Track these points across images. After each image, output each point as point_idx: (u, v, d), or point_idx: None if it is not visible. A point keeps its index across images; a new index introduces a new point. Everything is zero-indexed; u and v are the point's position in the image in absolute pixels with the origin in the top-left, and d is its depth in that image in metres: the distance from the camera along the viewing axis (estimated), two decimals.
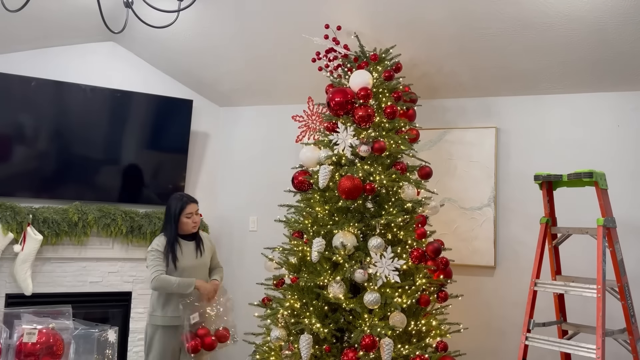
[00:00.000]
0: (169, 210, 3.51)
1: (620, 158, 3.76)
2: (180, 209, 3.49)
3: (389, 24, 3.60)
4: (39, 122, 4.08)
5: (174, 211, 3.49)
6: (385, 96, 3.49)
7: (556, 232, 3.41)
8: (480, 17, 3.36)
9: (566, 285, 3.16)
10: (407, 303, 3.12)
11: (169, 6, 3.44)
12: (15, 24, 3.84)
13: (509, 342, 3.92)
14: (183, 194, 3.59)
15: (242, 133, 4.93)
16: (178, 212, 3.49)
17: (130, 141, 4.38)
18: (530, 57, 3.63)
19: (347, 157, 3.37)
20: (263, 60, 4.25)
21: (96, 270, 4.31)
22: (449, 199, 4.14)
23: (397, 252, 3.13)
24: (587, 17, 3.18)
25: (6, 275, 3.99)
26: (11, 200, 4.00)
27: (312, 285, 3.21)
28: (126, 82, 4.54)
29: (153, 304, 3.47)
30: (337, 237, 3.10)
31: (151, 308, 3.48)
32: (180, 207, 3.49)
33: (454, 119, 4.23)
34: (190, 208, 3.52)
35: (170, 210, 3.51)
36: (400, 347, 3.09)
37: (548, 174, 3.30)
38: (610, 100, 3.82)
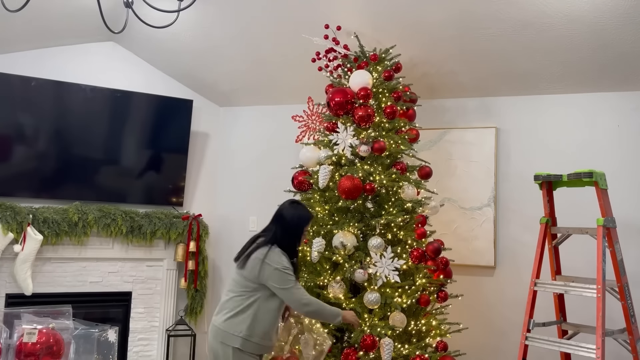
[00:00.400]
0: (297, 220, 2.84)
1: (620, 158, 3.76)
2: (307, 221, 2.88)
3: (389, 24, 3.60)
4: (39, 122, 4.08)
5: (302, 222, 2.85)
6: (385, 96, 3.49)
7: (556, 232, 3.41)
8: (480, 17, 3.36)
9: (566, 285, 3.16)
10: (407, 303, 3.12)
11: (169, 6, 3.44)
12: (15, 24, 3.84)
13: (509, 342, 3.92)
14: (304, 204, 2.98)
15: (242, 133, 4.93)
16: (304, 224, 2.87)
17: (130, 141, 4.38)
18: (530, 57, 3.63)
19: (347, 157, 3.37)
20: (263, 60, 4.25)
21: (96, 270, 4.31)
22: (449, 199, 4.14)
23: (397, 252, 3.14)
24: (587, 17, 3.18)
25: (6, 275, 3.99)
26: (11, 200, 4.00)
27: (312, 285, 3.22)
28: (126, 82, 4.54)
29: (249, 326, 2.69)
30: (337, 237, 3.10)
31: (247, 331, 2.68)
32: (308, 219, 2.89)
33: (454, 119, 4.23)
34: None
35: (296, 221, 2.84)
36: (400, 347, 3.09)
37: (548, 174, 3.30)
38: (611, 100, 3.82)
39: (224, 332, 2.69)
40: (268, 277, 2.67)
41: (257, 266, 2.68)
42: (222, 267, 4.84)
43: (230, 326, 2.69)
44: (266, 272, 2.67)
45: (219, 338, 2.71)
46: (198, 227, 4.53)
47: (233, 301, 2.74)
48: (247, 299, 2.71)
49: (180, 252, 4.51)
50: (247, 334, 2.67)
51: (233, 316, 2.70)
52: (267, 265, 2.67)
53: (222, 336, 2.69)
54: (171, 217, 4.47)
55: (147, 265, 4.50)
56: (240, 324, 2.68)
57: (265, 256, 2.69)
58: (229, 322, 2.70)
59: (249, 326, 2.68)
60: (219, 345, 2.70)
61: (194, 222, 4.53)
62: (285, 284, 2.68)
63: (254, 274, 2.69)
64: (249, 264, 2.72)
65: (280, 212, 2.86)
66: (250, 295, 2.71)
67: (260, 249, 2.73)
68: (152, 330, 4.48)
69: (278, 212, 2.88)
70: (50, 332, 2.29)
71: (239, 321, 2.69)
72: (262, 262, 2.68)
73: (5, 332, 2.25)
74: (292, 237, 2.83)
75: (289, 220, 2.82)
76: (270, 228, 2.85)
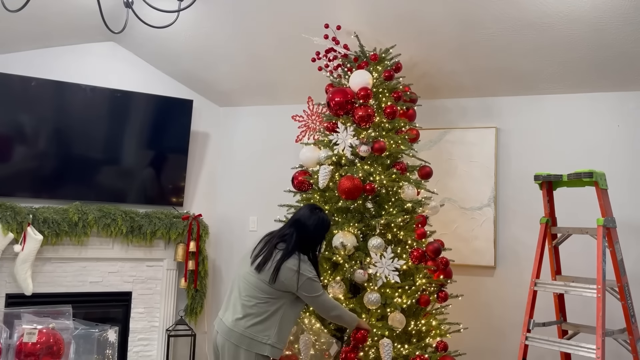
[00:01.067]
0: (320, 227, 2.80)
1: (621, 158, 3.76)
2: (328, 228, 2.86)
3: (389, 24, 3.60)
4: (39, 122, 4.08)
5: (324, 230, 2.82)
6: (385, 96, 3.49)
7: (556, 232, 3.41)
8: (480, 17, 3.36)
9: (566, 285, 3.16)
10: (407, 303, 3.12)
11: (169, 6, 3.44)
12: (15, 24, 3.84)
13: (509, 342, 3.92)
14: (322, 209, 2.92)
15: (242, 133, 4.93)
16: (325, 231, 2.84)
17: (130, 141, 4.38)
18: (530, 57, 3.63)
19: (347, 157, 3.37)
20: (263, 60, 4.25)
21: (96, 270, 4.31)
22: (449, 199, 4.14)
23: (397, 252, 3.14)
24: (587, 17, 3.18)
25: (6, 275, 3.99)
26: (11, 200, 4.00)
27: None
28: (126, 82, 4.55)
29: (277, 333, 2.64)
30: (337, 237, 3.10)
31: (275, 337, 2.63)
32: (329, 225, 2.87)
33: (454, 119, 4.23)
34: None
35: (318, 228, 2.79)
36: (400, 347, 3.09)
37: (548, 174, 3.30)
38: (610, 100, 3.82)
39: (250, 339, 2.59)
40: (301, 286, 2.64)
41: (294, 277, 2.62)
42: (222, 267, 4.84)
43: (257, 332, 2.60)
44: (301, 282, 2.63)
45: (243, 345, 2.60)
46: (198, 227, 4.53)
47: (258, 307, 2.64)
48: (272, 305, 2.63)
49: (180, 252, 4.51)
50: (275, 340, 2.61)
51: (259, 322, 2.61)
52: (302, 276, 2.63)
53: (248, 343, 2.59)
54: (171, 217, 4.47)
55: (147, 265, 4.50)
56: (267, 330, 2.61)
57: (299, 267, 2.64)
58: (255, 329, 2.61)
59: (277, 333, 2.62)
60: (240, 351, 2.60)
61: (194, 222, 4.53)
62: (316, 292, 2.67)
63: (291, 284, 2.63)
64: (281, 273, 2.63)
65: (301, 218, 2.79)
66: (276, 302, 2.64)
67: (290, 258, 2.66)
68: (152, 330, 4.48)
69: (298, 217, 2.80)
70: (50, 332, 2.29)
71: (265, 327, 2.61)
72: (298, 274, 2.63)
73: (5, 332, 2.25)
74: (314, 243, 2.80)
75: (310, 227, 2.76)
76: (288, 232, 2.76)
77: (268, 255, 2.69)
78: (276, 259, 2.65)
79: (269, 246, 2.73)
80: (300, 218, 2.78)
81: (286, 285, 2.63)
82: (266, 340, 2.59)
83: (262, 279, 2.64)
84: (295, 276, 2.62)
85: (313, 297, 2.68)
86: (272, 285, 2.63)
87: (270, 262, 2.66)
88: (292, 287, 2.63)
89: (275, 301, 2.64)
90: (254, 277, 2.68)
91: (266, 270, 2.64)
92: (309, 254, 2.76)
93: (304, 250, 2.74)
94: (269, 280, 2.62)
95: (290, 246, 2.70)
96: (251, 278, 2.69)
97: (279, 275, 2.62)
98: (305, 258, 2.71)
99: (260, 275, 2.66)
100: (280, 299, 2.65)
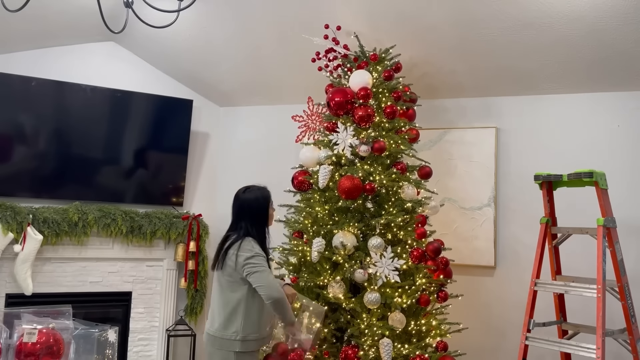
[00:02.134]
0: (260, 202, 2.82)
1: (620, 158, 3.76)
2: (269, 199, 2.88)
3: (389, 24, 3.60)
4: (39, 122, 4.08)
5: (265, 203, 2.83)
6: (385, 96, 3.49)
7: (556, 232, 3.41)
8: (480, 17, 3.35)
9: (566, 285, 3.16)
10: (407, 303, 3.12)
11: (169, 6, 3.44)
12: (15, 24, 3.84)
13: (509, 342, 3.92)
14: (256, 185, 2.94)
15: (242, 133, 4.93)
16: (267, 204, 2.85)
17: (130, 141, 4.38)
18: (530, 57, 3.63)
19: (347, 157, 3.37)
20: (263, 60, 4.25)
21: (96, 270, 4.31)
22: (449, 199, 4.14)
23: (397, 252, 3.14)
24: (587, 17, 3.18)
25: (6, 275, 3.99)
26: (11, 200, 4.00)
27: (312, 285, 3.22)
28: (126, 82, 4.55)
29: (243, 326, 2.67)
30: (337, 237, 3.10)
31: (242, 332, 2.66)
32: (268, 196, 2.88)
33: (454, 119, 4.23)
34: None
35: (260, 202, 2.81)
36: (400, 347, 3.09)
37: (548, 174, 3.30)
38: (610, 100, 3.82)
39: (220, 338, 2.66)
40: (243, 266, 2.62)
41: (233, 260, 2.66)
42: None
43: (224, 331, 2.66)
44: (240, 262, 2.63)
45: (216, 345, 2.68)
46: (198, 227, 4.53)
47: (220, 306, 2.71)
48: (232, 299, 2.68)
49: (180, 252, 4.51)
50: (243, 334, 2.65)
51: (225, 320, 2.67)
52: (240, 256, 2.64)
53: (220, 343, 2.66)
54: (171, 217, 4.47)
55: (147, 265, 4.50)
56: (232, 326, 2.66)
57: (239, 248, 2.66)
58: (222, 327, 2.68)
59: (243, 326, 2.66)
60: (218, 353, 2.67)
61: (194, 222, 4.53)
62: (255, 269, 2.61)
63: (232, 268, 2.66)
64: (226, 262, 2.69)
65: (240, 203, 2.82)
66: (235, 293, 2.68)
67: (234, 244, 2.70)
68: (152, 330, 4.49)
69: (237, 205, 2.83)
70: (50, 332, 2.29)
71: (230, 323, 2.66)
72: (236, 255, 2.65)
73: (5, 332, 2.25)
74: (260, 221, 2.80)
75: (252, 207, 2.79)
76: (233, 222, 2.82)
77: (219, 249, 2.76)
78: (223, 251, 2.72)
79: (220, 243, 2.79)
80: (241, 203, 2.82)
81: (232, 269, 2.66)
82: (235, 337, 2.64)
83: (219, 275, 2.73)
84: (234, 258, 2.65)
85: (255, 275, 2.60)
86: (224, 275, 2.69)
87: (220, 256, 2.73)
88: (234, 269, 2.65)
89: (233, 293, 2.68)
90: (216, 279, 2.78)
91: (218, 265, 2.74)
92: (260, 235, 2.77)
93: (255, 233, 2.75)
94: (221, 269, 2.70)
95: (239, 233, 2.74)
96: (215, 282, 2.78)
97: (226, 260, 2.68)
98: (250, 239, 2.69)
99: (218, 273, 2.75)
100: (239, 289, 2.68)
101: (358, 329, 3.02)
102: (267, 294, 2.60)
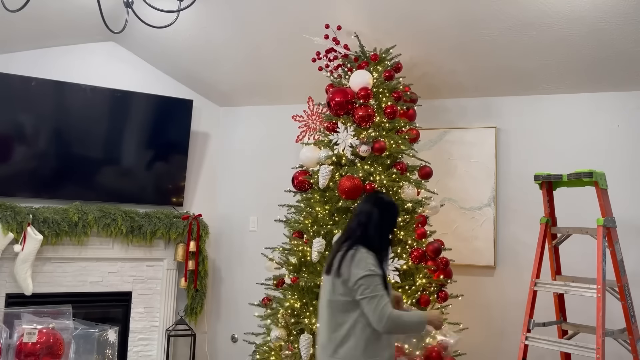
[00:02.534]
0: (389, 214, 2.42)
1: (620, 158, 3.76)
2: (397, 215, 2.50)
3: (389, 24, 3.60)
4: (39, 122, 4.08)
5: (394, 218, 2.44)
6: (386, 96, 3.49)
7: (556, 232, 3.41)
8: (480, 17, 3.35)
9: (566, 285, 3.16)
10: (407, 303, 3.12)
11: (169, 6, 3.44)
12: (15, 24, 3.84)
13: (509, 342, 3.92)
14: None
15: (242, 133, 4.93)
16: (395, 220, 2.46)
17: (130, 141, 4.38)
18: (530, 57, 3.63)
19: (347, 157, 3.37)
20: (263, 60, 4.25)
21: (96, 270, 4.31)
22: (449, 199, 4.14)
23: (397, 252, 3.14)
24: (587, 17, 3.18)
25: (6, 275, 3.99)
26: (11, 200, 4.00)
27: (312, 285, 3.22)
28: (126, 82, 4.55)
29: (364, 351, 2.22)
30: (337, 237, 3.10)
31: (364, 358, 2.22)
32: (397, 213, 2.50)
33: (454, 119, 4.23)
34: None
35: (389, 215, 2.41)
36: (400, 347, 3.09)
37: (548, 174, 3.30)
38: (610, 100, 3.82)
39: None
40: (353, 285, 2.21)
41: (347, 271, 2.24)
42: (222, 267, 4.84)
43: (346, 358, 2.22)
44: (352, 280, 2.22)
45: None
46: (198, 227, 4.53)
47: (335, 328, 2.27)
48: (348, 314, 2.24)
49: (180, 252, 4.51)
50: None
51: (341, 345, 2.23)
52: (353, 274, 2.22)
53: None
54: (171, 217, 4.47)
55: (147, 265, 4.50)
56: (353, 352, 2.21)
57: (352, 261, 2.25)
58: (342, 354, 2.23)
59: (364, 351, 2.21)
60: None
61: (194, 222, 4.53)
62: (368, 292, 2.18)
63: (347, 280, 2.24)
64: (342, 266, 2.26)
65: (360, 208, 2.43)
66: (351, 309, 2.24)
67: (350, 251, 2.29)
68: (152, 330, 4.48)
69: (358, 209, 2.44)
70: (50, 332, 2.29)
71: (352, 349, 2.21)
72: (349, 270, 2.24)
73: (5, 332, 2.25)
74: (381, 233, 2.36)
75: (380, 213, 2.38)
76: (350, 227, 2.41)
77: (332, 255, 2.36)
78: (338, 255, 2.32)
79: (335, 248, 2.41)
80: (360, 208, 2.43)
81: (346, 283, 2.25)
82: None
83: (331, 281, 2.31)
84: (348, 271, 2.24)
85: (363, 300, 2.20)
86: (339, 282, 2.26)
87: (335, 261, 2.33)
88: (348, 284, 2.24)
89: (350, 308, 2.25)
90: (325, 286, 2.36)
91: (333, 270, 2.31)
92: (378, 247, 2.34)
93: (372, 245, 2.33)
94: (336, 275, 2.28)
95: (352, 241, 2.34)
96: (324, 293, 2.37)
97: (341, 269, 2.27)
98: (364, 251, 2.28)
99: (328, 278, 2.34)
100: (355, 305, 2.24)
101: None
102: (378, 325, 2.20)
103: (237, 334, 4.71)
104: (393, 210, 2.45)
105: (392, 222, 2.44)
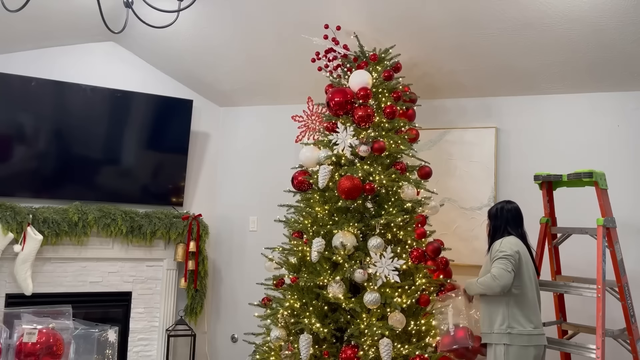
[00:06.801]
0: (495, 218, 3.16)
1: (621, 158, 3.76)
2: (500, 216, 3.17)
3: (388, 24, 3.60)
4: (39, 122, 4.08)
5: (500, 218, 3.16)
6: (385, 96, 3.49)
7: (556, 232, 3.41)
8: (480, 17, 3.35)
9: (566, 285, 3.16)
10: (407, 303, 3.12)
11: (169, 6, 3.44)
12: (15, 24, 3.84)
13: None
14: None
15: (242, 133, 4.93)
16: (503, 221, 3.16)
17: (130, 141, 4.38)
18: (530, 57, 3.63)
19: (347, 157, 3.36)
20: (263, 60, 4.25)
21: (96, 270, 4.31)
22: (449, 199, 4.14)
23: (397, 252, 3.13)
24: (587, 17, 3.18)
25: (6, 275, 3.99)
26: (11, 200, 4.00)
27: (312, 285, 3.22)
28: (126, 82, 4.55)
29: (506, 315, 2.92)
30: (337, 237, 3.10)
31: (505, 321, 2.91)
32: (501, 214, 3.17)
33: (454, 119, 4.23)
34: None
35: (496, 218, 3.15)
36: (400, 346, 3.09)
37: (548, 174, 3.30)
38: (610, 100, 3.82)
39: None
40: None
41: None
42: (222, 267, 4.84)
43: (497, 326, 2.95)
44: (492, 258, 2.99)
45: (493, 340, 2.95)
46: (198, 227, 4.53)
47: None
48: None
49: (180, 252, 4.51)
50: (504, 325, 2.92)
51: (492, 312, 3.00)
52: (492, 254, 3.01)
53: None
54: (171, 217, 4.47)
55: (147, 265, 4.50)
56: (497, 317, 2.95)
57: (494, 244, 3.07)
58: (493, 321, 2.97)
59: (507, 317, 2.92)
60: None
61: (194, 222, 4.53)
62: (498, 265, 2.90)
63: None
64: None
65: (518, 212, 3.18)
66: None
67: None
68: (152, 330, 4.49)
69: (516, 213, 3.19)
70: (50, 332, 2.29)
71: (494, 316, 2.97)
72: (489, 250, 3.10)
73: (5, 332, 2.25)
74: (502, 227, 3.11)
75: (492, 219, 3.17)
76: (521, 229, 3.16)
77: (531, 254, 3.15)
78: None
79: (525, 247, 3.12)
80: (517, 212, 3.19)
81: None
82: (500, 329, 2.90)
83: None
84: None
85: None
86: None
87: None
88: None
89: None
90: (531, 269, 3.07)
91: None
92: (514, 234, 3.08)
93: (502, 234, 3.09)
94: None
95: (497, 233, 3.11)
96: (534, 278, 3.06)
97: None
98: (504, 238, 3.02)
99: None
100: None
101: (358, 329, 3.03)
102: (497, 285, 2.91)
103: (237, 334, 4.71)
104: (496, 214, 3.19)
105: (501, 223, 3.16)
